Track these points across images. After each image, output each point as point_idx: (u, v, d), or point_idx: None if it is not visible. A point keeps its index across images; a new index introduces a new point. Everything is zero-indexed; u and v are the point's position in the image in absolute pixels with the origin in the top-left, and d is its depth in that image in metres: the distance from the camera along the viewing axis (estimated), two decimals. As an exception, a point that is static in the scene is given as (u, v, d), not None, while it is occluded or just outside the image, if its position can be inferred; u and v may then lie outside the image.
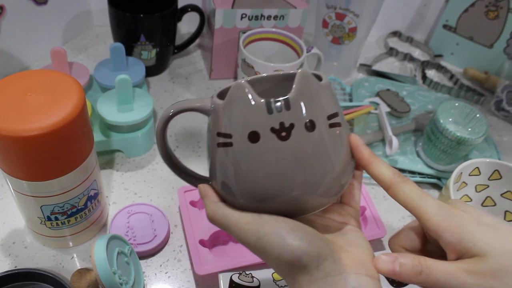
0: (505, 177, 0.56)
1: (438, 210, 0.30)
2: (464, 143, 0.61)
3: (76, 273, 0.47)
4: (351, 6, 0.73)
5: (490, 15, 0.84)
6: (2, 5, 0.67)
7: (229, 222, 0.32)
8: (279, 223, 0.30)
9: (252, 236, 0.30)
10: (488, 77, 0.86)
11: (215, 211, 0.32)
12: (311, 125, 0.30)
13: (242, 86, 0.30)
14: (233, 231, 0.31)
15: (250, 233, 0.30)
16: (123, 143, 0.61)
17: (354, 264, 0.30)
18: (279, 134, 0.29)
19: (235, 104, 0.30)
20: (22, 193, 0.44)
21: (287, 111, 0.29)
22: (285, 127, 0.29)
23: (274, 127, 0.29)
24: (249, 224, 0.30)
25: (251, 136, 0.29)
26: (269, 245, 0.29)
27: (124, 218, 0.54)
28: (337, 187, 0.32)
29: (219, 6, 0.70)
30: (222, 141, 0.31)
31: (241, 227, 0.31)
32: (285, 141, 0.29)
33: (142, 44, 0.73)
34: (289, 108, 0.29)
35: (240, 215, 0.31)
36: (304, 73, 0.30)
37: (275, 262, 0.30)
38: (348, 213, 0.35)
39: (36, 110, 0.39)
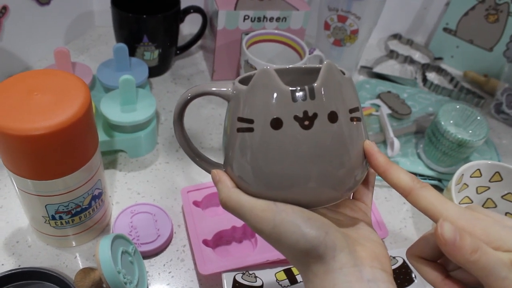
0: (506, 179, 0.56)
1: (461, 214, 0.29)
2: (465, 145, 0.62)
3: (80, 272, 0.47)
4: (353, 8, 0.74)
5: (490, 18, 0.85)
6: (5, 6, 0.68)
7: (243, 208, 0.31)
8: (295, 211, 0.30)
9: (268, 224, 0.30)
10: (488, 80, 0.86)
11: (230, 196, 0.32)
12: (334, 116, 0.30)
13: (269, 72, 0.30)
14: (248, 218, 0.31)
15: (266, 220, 0.30)
16: (126, 143, 0.62)
17: (369, 257, 0.30)
18: (302, 123, 0.29)
19: (260, 90, 0.30)
20: (27, 192, 0.44)
21: (312, 100, 0.29)
22: (309, 116, 0.29)
23: (298, 115, 0.29)
24: (264, 212, 0.30)
25: (274, 123, 0.29)
26: (285, 233, 0.29)
27: (127, 218, 0.54)
28: (352, 182, 0.32)
29: (221, 7, 0.70)
30: (243, 126, 0.31)
31: (256, 214, 0.30)
32: (308, 130, 0.29)
33: (144, 45, 0.73)
34: (313, 97, 0.29)
35: (256, 201, 0.31)
36: (330, 64, 0.30)
37: (290, 251, 0.30)
38: (360, 209, 0.35)
39: (42, 109, 0.40)
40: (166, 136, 0.68)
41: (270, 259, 0.50)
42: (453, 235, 0.27)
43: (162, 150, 0.65)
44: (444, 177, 0.66)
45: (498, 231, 0.28)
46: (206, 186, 0.57)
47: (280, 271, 0.50)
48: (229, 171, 0.33)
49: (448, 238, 0.27)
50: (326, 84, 0.30)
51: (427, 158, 0.67)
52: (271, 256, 0.50)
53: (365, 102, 0.76)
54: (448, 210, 0.30)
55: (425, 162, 0.67)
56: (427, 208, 0.30)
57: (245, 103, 0.31)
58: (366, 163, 0.33)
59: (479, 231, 0.28)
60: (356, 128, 0.31)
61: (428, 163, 0.67)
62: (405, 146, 0.70)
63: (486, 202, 0.59)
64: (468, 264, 0.27)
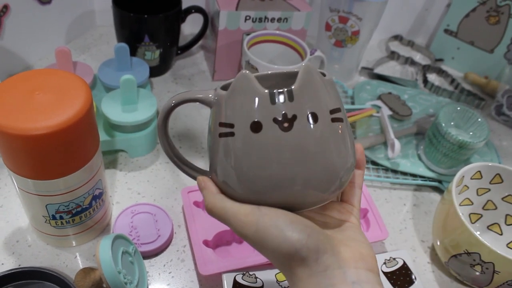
0: (507, 181, 0.56)
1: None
2: (465, 147, 0.62)
3: (80, 272, 0.47)
4: (354, 9, 0.74)
5: (491, 20, 0.85)
6: (6, 4, 0.67)
7: (227, 213, 0.32)
8: (278, 215, 0.30)
9: (250, 228, 0.30)
10: (489, 82, 0.86)
11: (214, 202, 0.32)
12: (314, 117, 0.30)
13: (246, 76, 0.30)
14: (231, 223, 0.31)
15: (249, 225, 0.30)
16: (126, 143, 0.61)
17: (353, 258, 0.30)
18: (281, 125, 0.29)
19: (239, 94, 0.30)
20: (28, 191, 0.44)
21: (290, 102, 0.29)
22: (288, 118, 0.29)
23: (277, 117, 0.29)
24: (247, 216, 0.30)
25: (253, 126, 0.29)
26: (268, 237, 0.29)
27: (127, 218, 0.54)
28: (337, 183, 0.31)
29: (223, 7, 0.70)
30: (224, 131, 0.31)
31: (240, 219, 0.31)
32: (287, 132, 0.29)
33: (146, 44, 0.73)
34: (292, 99, 0.29)
35: (239, 206, 0.31)
36: (308, 66, 0.30)
37: (274, 255, 0.30)
38: (348, 211, 0.35)
39: (44, 109, 0.40)
40: (167, 136, 0.68)
41: (270, 260, 0.50)
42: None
43: (163, 150, 0.65)
44: (444, 179, 0.66)
45: None
46: (207, 187, 0.57)
47: (280, 272, 0.49)
48: (214, 177, 0.34)
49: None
50: (305, 86, 0.30)
51: (428, 159, 0.67)
52: (271, 257, 0.50)
53: (366, 103, 0.76)
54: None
55: (425, 164, 0.67)
56: None
57: (226, 108, 0.31)
58: (352, 164, 0.32)
59: None
60: (338, 128, 0.31)
61: (429, 164, 0.67)
62: (406, 148, 0.70)
63: (487, 204, 0.59)
64: None
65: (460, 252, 0.50)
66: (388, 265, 0.52)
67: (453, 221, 0.50)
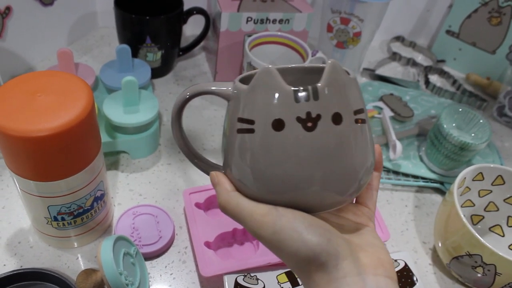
0: (509, 182, 0.56)
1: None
2: (467, 148, 0.62)
3: (82, 274, 0.47)
4: (356, 10, 0.74)
5: (493, 21, 0.85)
6: (8, 6, 0.68)
7: (242, 212, 0.30)
8: (296, 217, 0.29)
9: (267, 229, 0.29)
10: (491, 83, 0.86)
11: (228, 200, 0.31)
12: (338, 118, 0.28)
13: (271, 72, 0.29)
14: (247, 222, 0.30)
15: (266, 226, 0.29)
16: (128, 145, 0.62)
17: (372, 264, 0.29)
18: (305, 124, 0.28)
19: (261, 90, 0.29)
20: (30, 193, 0.44)
21: (315, 101, 0.28)
22: (312, 117, 0.28)
23: (301, 116, 0.28)
24: (265, 216, 0.29)
25: (276, 124, 0.28)
26: (286, 240, 0.28)
27: (129, 219, 0.54)
28: (356, 186, 0.31)
29: (225, 9, 0.70)
30: (243, 127, 0.30)
31: (256, 219, 0.29)
32: (311, 132, 0.28)
33: (147, 46, 0.73)
34: (317, 98, 0.28)
35: (256, 206, 0.30)
36: (334, 63, 0.29)
37: (291, 258, 0.29)
38: (363, 214, 0.35)
39: (45, 110, 0.40)
40: (168, 137, 0.68)
41: (271, 261, 0.50)
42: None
43: (164, 151, 0.65)
44: (446, 180, 0.66)
45: None
46: (208, 188, 0.57)
47: (282, 273, 0.50)
48: (228, 173, 0.32)
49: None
50: (330, 84, 0.29)
51: (429, 161, 0.67)
52: (272, 258, 0.50)
53: (368, 105, 0.76)
54: None
55: (427, 165, 0.67)
56: None
57: (246, 103, 0.30)
58: (372, 166, 0.32)
59: None
60: (361, 130, 0.30)
61: (430, 166, 0.67)
62: (407, 149, 0.70)
63: (488, 206, 0.58)
64: None
65: (461, 254, 0.50)
66: (389, 267, 0.52)
67: (455, 222, 0.50)
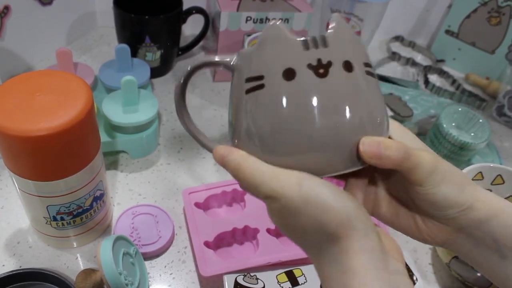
0: (508, 182, 0.56)
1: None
2: (467, 148, 0.62)
3: (81, 274, 0.47)
4: (356, 10, 0.74)
5: (492, 21, 0.85)
6: (7, 5, 0.68)
7: (264, 175, 0.28)
8: (323, 181, 0.27)
9: (294, 191, 0.27)
10: (490, 83, 0.86)
11: (248, 166, 0.28)
12: (349, 66, 0.28)
13: (277, 26, 0.28)
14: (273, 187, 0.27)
15: (293, 186, 0.27)
16: (127, 144, 0.61)
17: (390, 248, 0.29)
18: (316, 71, 0.27)
19: (269, 43, 0.28)
20: (29, 193, 0.44)
21: (325, 48, 0.27)
22: (323, 64, 0.27)
23: (311, 63, 0.27)
24: (290, 177, 0.27)
25: (286, 73, 0.27)
26: (318, 201, 0.26)
27: (128, 219, 0.54)
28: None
29: (224, 8, 0.70)
30: (252, 85, 0.28)
31: (281, 179, 0.27)
32: (323, 78, 0.27)
33: (147, 45, 0.73)
34: (326, 45, 0.27)
35: (276, 168, 0.28)
36: (338, 15, 0.29)
37: (317, 222, 0.27)
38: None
39: (45, 110, 0.40)
40: (168, 137, 0.68)
41: (271, 261, 0.50)
42: (376, 150, 0.28)
43: (164, 151, 0.65)
44: (446, 180, 0.66)
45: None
46: (208, 188, 0.57)
47: (282, 273, 0.49)
48: (237, 145, 0.30)
49: (371, 155, 0.28)
50: (339, 33, 0.28)
51: (429, 160, 0.67)
52: (272, 258, 0.50)
53: (367, 104, 0.76)
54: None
55: (427, 165, 0.67)
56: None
57: (253, 61, 0.29)
58: (387, 126, 0.30)
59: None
60: (373, 81, 0.29)
61: (430, 165, 0.67)
62: (407, 149, 0.70)
63: (488, 205, 0.58)
64: (399, 166, 0.28)
65: (461, 254, 0.50)
66: (389, 267, 0.52)
67: (455, 222, 0.50)
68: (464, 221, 0.29)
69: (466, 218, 0.29)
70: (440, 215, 0.30)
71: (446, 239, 0.31)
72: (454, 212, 0.29)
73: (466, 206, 0.29)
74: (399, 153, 0.27)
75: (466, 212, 0.29)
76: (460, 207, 0.29)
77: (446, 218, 0.30)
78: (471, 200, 0.29)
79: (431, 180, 0.28)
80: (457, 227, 0.30)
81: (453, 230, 0.31)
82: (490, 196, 0.30)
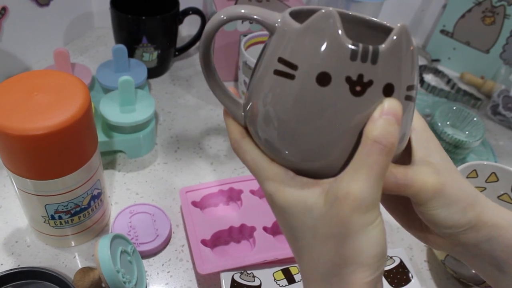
0: (502, 179, 0.57)
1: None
2: (461, 146, 0.62)
3: (79, 272, 0.47)
4: (351, 10, 0.74)
5: (486, 20, 0.85)
6: (4, 6, 0.68)
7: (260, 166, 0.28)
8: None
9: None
10: (485, 82, 0.87)
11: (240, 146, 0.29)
12: (390, 89, 0.25)
13: (332, 16, 0.25)
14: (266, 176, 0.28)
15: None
16: (125, 144, 0.62)
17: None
18: (353, 87, 0.25)
19: (316, 34, 0.25)
20: (27, 192, 0.44)
21: (372, 65, 0.25)
22: (363, 81, 0.25)
23: (351, 77, 0.24)
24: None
25: (321, 77, 0.25)
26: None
27: (126, 218, 0.55)
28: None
29: (220, 9, 0.70)
30: (283, 70, 0.26)
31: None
32: (357, 97, 0.25)
33: (143, 46, 0.73)
34: (375, 62, 0.25)
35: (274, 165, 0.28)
36: (404, 27, 0.25)
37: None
38: None
39: (43, 109, 0.40)
40: (165, 137, 0.68)
41: (268, 259, 0.50)
42: None
43: (161, 150, 0.66)
44: (441, 178, 0.66)
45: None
46: (205, 187, 0.57)
47: (278, 270, 0.50)
48: (248, 118, 0.29)
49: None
50: (394, 51, 0.25)
51: (424, 159, 0.67)
52: (269, 256, 0.50)
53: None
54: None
55: (422, 163, 0.68)
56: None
57: (293, 44, 0.26)
58: (402, 151, 0.29)
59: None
60: (408, 108, 0.27)
61: (425, 164, 0.67)
62: (402, 147, 0.70)
63: (483, 203, 0.59)
64: (400, 193, 0.28)
65: (456, 250, 0.50)
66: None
67: (449, 219, 0.50)
68: (463, 239, 0.29)
69: (465, 237, 0.29)
70: (438, 231, 0.30)
71: (444, 248, 0.32)
72: (454, 231, 0.29)
73: (467, 227, 0.29)
74: (398, 183, 0.27)
75: (466, 232, 0.29)
76: (461, 228, 0.29)
77: (444, 234, 0.30)
78: (474, 221, 0.28)
79: (432, 203, 0.28)
80: (455, 243, 0.30)
81: (451, 243, 0.31)
82: (497, 215, 0.29)
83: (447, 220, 0.28)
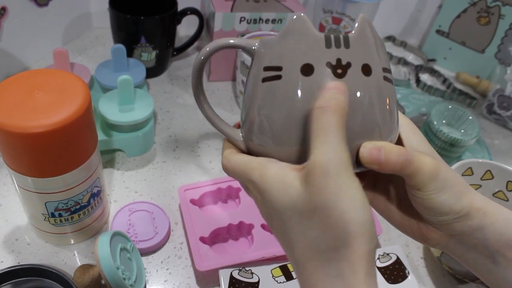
0: (497, 177, 0.57)
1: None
2: (457, 145, 0.63)
3: (79, 269, 0.48)
4: (347, 10, 0.75)
5: (481, 21, 0.86)
6: (4, 6, 0.68)
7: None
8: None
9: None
10: (480, 81, 0.88)
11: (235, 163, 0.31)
12: (368, 69, 0.28)
13: (303, 18, 0.28)
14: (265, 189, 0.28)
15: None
16: (124, 143, 0.62)
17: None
18: (334, 70, 0.27)
19: (292, 35, 0.28)
20: (27, 189, 0.45)
21: (346, 49, 0.28)
22: (342, 64, 0.28)
23: (331, 62, 0.27)
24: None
25: (305, 69, 0.28)
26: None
27: (125, 215, 0.55)
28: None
29: (218, 9, 0.71)
30: (269, 75, 0.29)
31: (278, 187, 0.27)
32: (340, 78, 0.27)
33: (142, 46, 0.74)
34: (348, 46, 0.28)
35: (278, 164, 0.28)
36: (365, 17, 0.29)
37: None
38: None
39: (43, 107, 0.40)
40: (163, 135, 0.68)
41: (266, 256, 0.51)
42: (375, 155, 0.28)
43: (159, 149, 0.66)
44: (436, 176, 0.67)
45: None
46: (203, 185, 0.58)
47: (276, 267, 0.50)
48: (245, 131, 0.31)
49: (370, 161, 0.28)
50: (362, 35, 0.28)
51: (420, 157, 0.68)
52: (267, 253, 0.51)
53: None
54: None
55: (418, 162, 0.68)
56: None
57: (274, 51, 0.29)
58: (395, 137, 0.31)
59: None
60: (389, 88, 0.29)
61: (421, 162, 0.68)
62: (399, 146, 0.71)
63: (478, 200, 0.60)
64: (398, 172, 0.28)
65: (451, 247, 0.51)
66: (381, 260, 0.53)
67: (445, 216, 0.51)
68: (458, 228, 0.30)
69: (460, 225, 0.30)
70: (433, 220, 0.30)
71: (438, 242, 0.32)
72: (449, 218, 0.30)
73: (462, 214, 0.29)
74: (399, 159, 0.28)
75: (460, 220, 0.29)
76: (455, 214, 0.29)
77: (440, 223, 0.30)
78: (468, 208, 0.29)
79: (430, 186, 0.28)
80: (450, 233, 0.31)
81: (445, 234, 0.31)
82: (487, 204, 0.30)
83: (444, 206, 0.29)
